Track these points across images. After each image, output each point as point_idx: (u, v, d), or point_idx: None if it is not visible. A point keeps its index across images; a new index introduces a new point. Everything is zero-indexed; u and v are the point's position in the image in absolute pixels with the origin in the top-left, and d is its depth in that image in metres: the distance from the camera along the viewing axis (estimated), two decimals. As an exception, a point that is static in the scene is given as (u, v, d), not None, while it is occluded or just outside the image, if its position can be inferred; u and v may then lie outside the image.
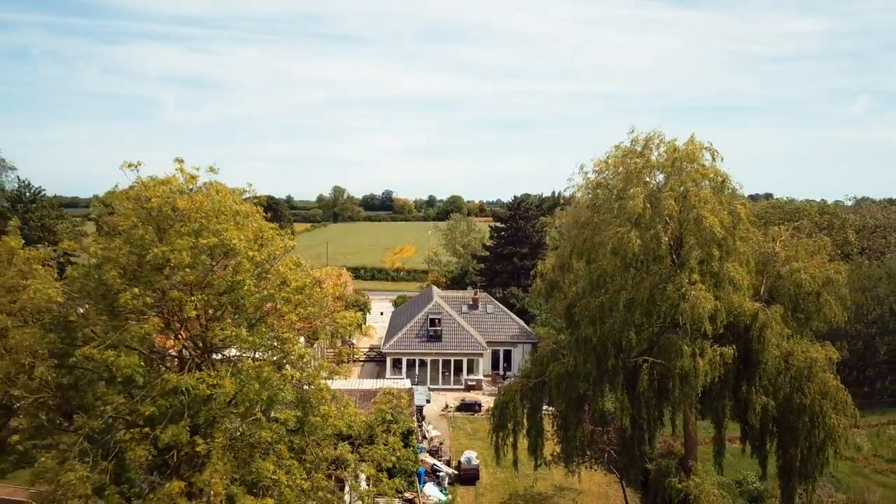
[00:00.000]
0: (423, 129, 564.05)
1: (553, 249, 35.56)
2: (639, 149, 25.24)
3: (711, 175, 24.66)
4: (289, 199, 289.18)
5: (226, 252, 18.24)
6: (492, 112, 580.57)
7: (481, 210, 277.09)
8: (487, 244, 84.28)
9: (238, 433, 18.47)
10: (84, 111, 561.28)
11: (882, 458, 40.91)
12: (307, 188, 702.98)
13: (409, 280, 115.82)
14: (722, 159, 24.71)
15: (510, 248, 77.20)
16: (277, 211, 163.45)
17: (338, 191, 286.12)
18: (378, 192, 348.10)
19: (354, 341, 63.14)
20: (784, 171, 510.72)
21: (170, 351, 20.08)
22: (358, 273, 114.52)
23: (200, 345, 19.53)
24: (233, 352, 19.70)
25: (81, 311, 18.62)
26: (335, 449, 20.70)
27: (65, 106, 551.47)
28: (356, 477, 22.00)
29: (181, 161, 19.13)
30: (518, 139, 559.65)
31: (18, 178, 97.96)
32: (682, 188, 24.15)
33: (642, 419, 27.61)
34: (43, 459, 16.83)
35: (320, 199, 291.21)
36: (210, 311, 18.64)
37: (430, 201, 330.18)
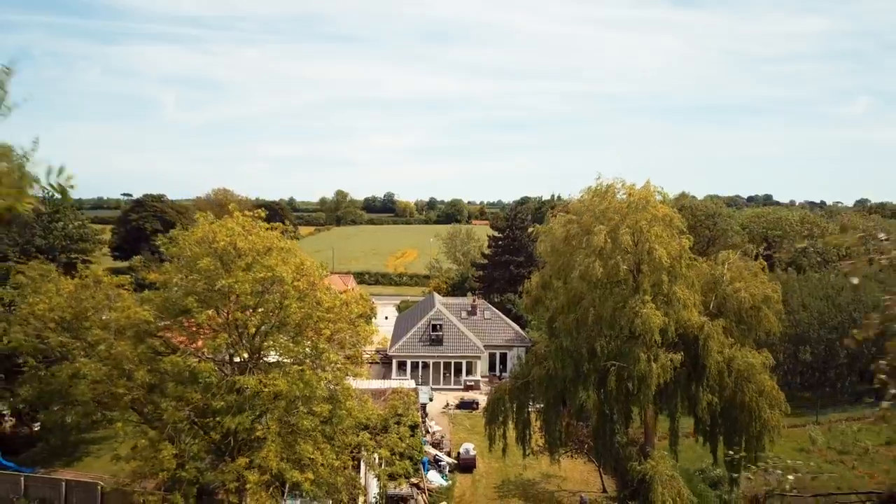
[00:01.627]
0: (423, 129, 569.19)
1: (537, 269, 40.93)
2: (603, 191, 30.56)
3: (661, 214, 29.81)
4: (291, 202, 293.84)
5: (274, 282, 23.47)
6: (492, 112, 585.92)
7: (482, 213, 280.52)
8: (486, 252, 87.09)
9: (284, 421, 23.68)
10: (85, 112, 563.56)
11: (834, 450, 45.93)
12: (309, 189, 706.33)
13: (412, 285, 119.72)
14: (679, 207, 29.88)
15: (507, 256, 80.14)
16: (281, 215, 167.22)
17: (340, 195, 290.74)
18: (379, 193, 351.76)
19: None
20: (784, 172, 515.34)
21: (226, 357, 25.29)
22: (363, 278, 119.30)
23: (249, 351, 24.82)
24: (274, 357, 24.92)
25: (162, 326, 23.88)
26: (357, 436, 25.89)
27: (66, 106, 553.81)
28: (373, 459, 27.24)
29: (238, 208, 24.40)
30: (518, 139, 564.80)
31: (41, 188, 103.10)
32: (637, 225, 29.27)
33: (613, 414, 32.78)
34: (143, 441, 22.07)
35: (322, 201, 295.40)
36: (263, 328, 23.88)
37: (431, 203, 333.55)
